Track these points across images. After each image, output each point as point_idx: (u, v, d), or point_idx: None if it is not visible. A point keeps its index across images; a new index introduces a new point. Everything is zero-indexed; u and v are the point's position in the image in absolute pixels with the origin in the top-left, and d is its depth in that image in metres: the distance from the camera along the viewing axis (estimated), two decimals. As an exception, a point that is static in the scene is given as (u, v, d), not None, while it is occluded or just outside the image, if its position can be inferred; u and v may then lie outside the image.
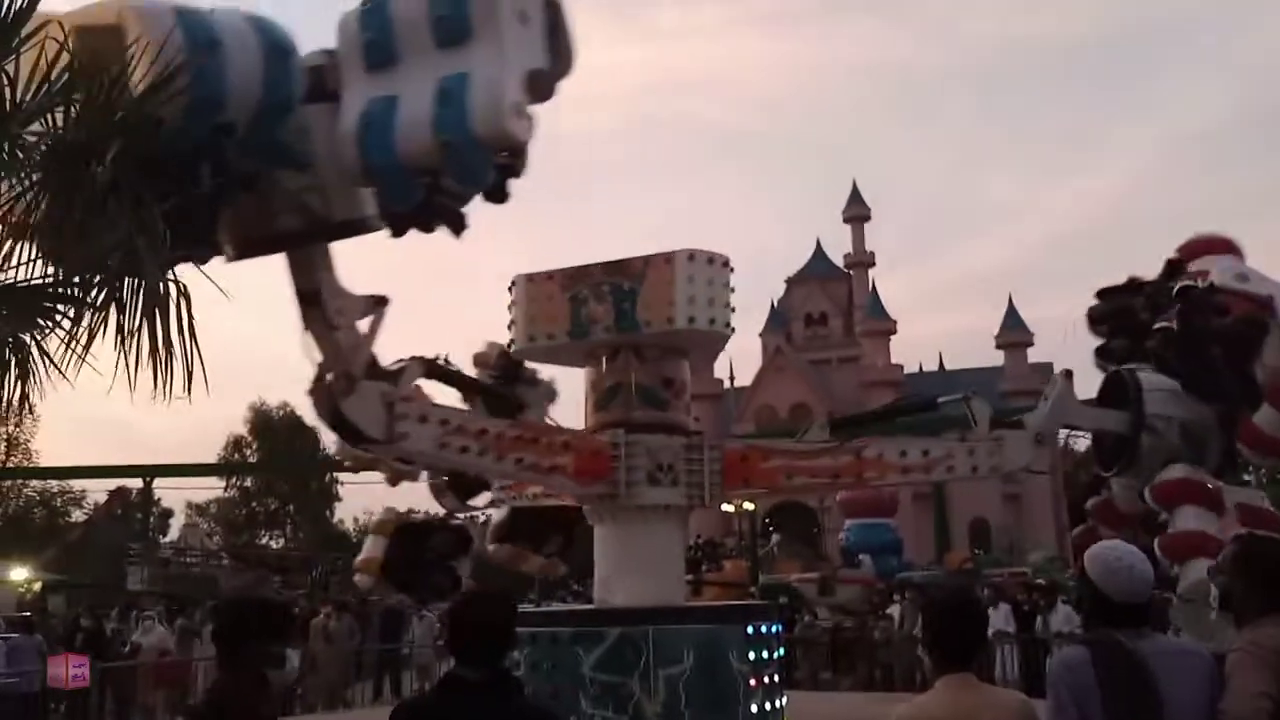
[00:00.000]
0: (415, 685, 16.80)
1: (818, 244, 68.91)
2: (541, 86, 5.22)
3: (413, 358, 6.78)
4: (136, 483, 38.37)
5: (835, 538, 30.55)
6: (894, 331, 62.21)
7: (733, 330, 7.82)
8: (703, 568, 21.99)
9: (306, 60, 5.09)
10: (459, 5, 4.91)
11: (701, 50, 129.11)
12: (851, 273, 66.97)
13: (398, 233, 5.40)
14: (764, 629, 7.53)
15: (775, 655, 7.70)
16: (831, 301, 66.90)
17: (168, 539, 47.65)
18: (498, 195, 5.43)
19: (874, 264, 66.75)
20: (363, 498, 61.16)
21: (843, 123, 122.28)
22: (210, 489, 53.49)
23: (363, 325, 5.96)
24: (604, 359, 7.91)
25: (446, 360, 7.26)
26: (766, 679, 7.34)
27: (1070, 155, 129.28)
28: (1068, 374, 7.78)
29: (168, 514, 53.01)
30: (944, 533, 28.29)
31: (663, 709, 6.79)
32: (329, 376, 5.89)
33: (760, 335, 64.27)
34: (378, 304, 5.97)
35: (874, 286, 64.17)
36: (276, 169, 4.98)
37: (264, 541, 56.76)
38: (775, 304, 65.98)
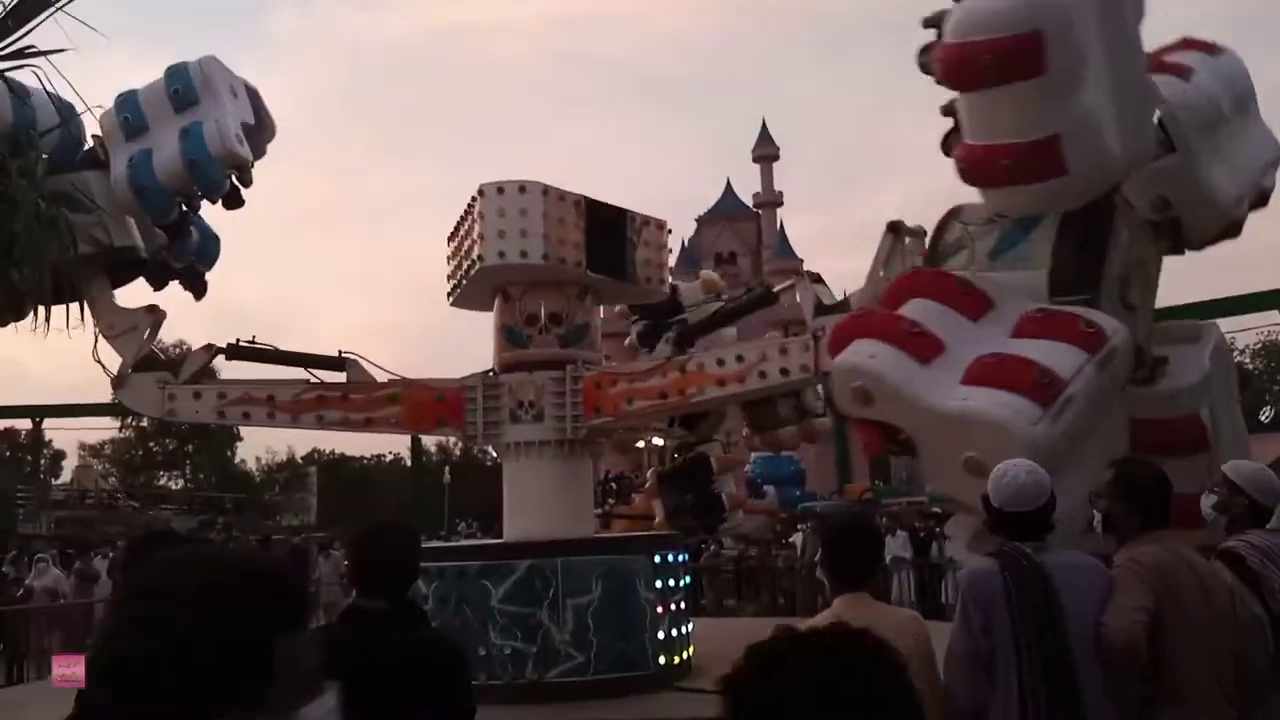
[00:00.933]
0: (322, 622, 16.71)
1: (727, 183, 69.09)
2: (254, 139, 7.44)
3: (203, 346, 8.03)
4: (25, 423, 36.84)
5: (741, 470, 31.18)
6: (800, 271, 62.97)
7: (556, 259, 7.34)
8: (609, 502, 22.21)
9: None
10: (187, 81, 7.15)
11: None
12: (760, 212, 67.39)
13: (157, 285, 7.85)
14: (670, 558, 7.70)
15: (681, 584, 7.88)
16: (741, 240, 67.29)
17: (60, 482, 46.06)
18: (234, 202, 7.53)
19: (782, 204, 67.27)
20: (264, 437, 59.86)
21: (755, 64, 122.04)
22: (104, 429, 51.72)
23: (143, 331, 7.68)
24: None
25: (253, 341, 8.03)
26: (673, 606, 7.53)
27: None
28: (894, 226, 6.32)
29: (60, 456, 51.19)
30: (845, 464, 29.08)
31: (571, 637, 6.91)
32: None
33: (670, 273, 64.46)
34: (149, 313, 7.73)
35: (782, 226, 64.72)
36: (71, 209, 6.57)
37: (163, 483, 55.32)
38: (686, 243, 66.13)
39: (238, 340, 8.03)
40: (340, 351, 8.04)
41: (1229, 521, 3.65)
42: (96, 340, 7.59)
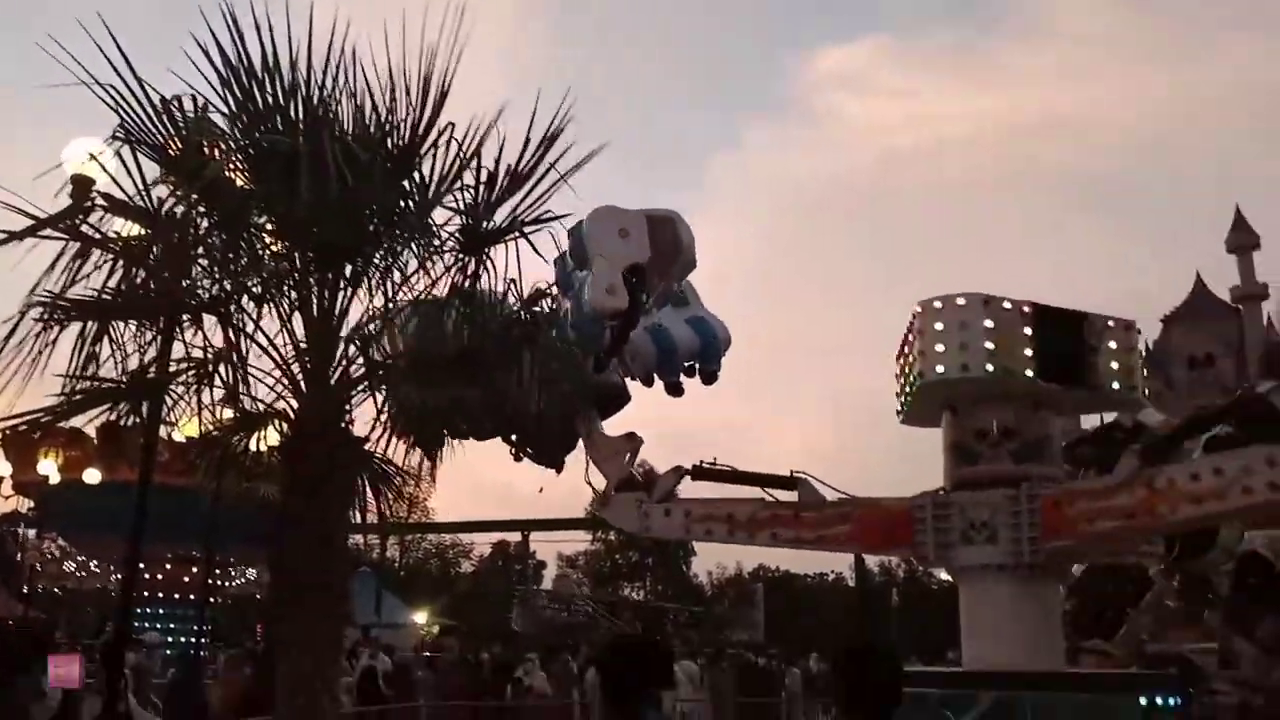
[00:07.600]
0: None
1: (1197, 278, 62.06)
2: (661, 267, 7.39)
3: (672, 469, 8.70)
4: (515, 536, 41.81)
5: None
6: (1297, 371, 54.48)
7: (1002, 370, 7.17)
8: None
9: None
10: (578, 240, 7.19)
11: (1044, 94, 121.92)
12: (1241, 308, 59.57)
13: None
14: (1161, 701, 6.82)
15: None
16: (1218, 340, 59.81)
17: (541, 588, 51.30)
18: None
19: (1268, 296, 58.94)
20: (715, 552, 62.55)
21: (1212, 152, 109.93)
22: (579, 542, 57.21)
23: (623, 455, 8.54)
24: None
25: (714, 462, 8.67)
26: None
27: None
28: None
29: (541, 566, 57.25)
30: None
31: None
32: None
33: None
34: (629, 440, 8.59)
35: (1269, 321, 56.64)
36: None
37: (626, 592, 59.54)
38: (1150, 345, 60.08)
39: (701, 462, 8.66)
40: (791, 471, 8.32)
41: None
42: (588, 465, 8.59)
